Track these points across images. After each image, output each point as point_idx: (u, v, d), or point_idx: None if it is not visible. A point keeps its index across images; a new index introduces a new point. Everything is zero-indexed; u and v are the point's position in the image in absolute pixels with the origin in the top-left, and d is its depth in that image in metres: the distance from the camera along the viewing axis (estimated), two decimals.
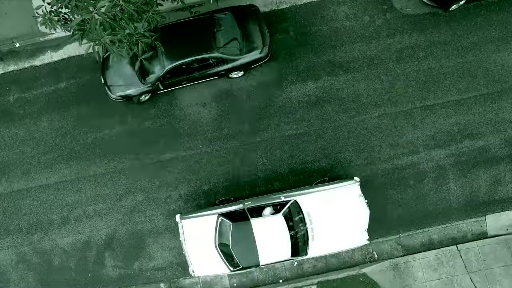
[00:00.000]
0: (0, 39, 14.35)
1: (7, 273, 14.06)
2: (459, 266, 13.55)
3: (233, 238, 11.96)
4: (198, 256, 12.41)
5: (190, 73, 12.94)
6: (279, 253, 12.15)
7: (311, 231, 12.21)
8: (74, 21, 5.69)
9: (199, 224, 12.33)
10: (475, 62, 13.66)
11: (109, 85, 13.29)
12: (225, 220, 12.09)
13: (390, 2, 13.96)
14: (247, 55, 12.90)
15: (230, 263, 12.17)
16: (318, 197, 12.34)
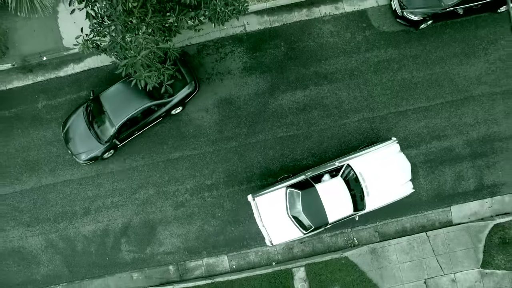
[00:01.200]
0: (30, 54, 16.30)
1: (38, 256, 16.08)
2: (428, 250, 15.54)
3: (303, 203, 13.77)
4: (274, 227, 14.16)
5: (137, 123, 14.86)
6: (343, 211, 13.92)
7: (365, 188, 14.04)
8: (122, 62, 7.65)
9: (270, 199, 14.12)
10: (441, 73, 15.65)
11: (75, 154, 15.22)
12: (293, 190, 13.95)
13: (369, 21, 15.94)
14: (178, 94, 14.73)
15: (302, 227, 13.98)
16: (366, 158, 14.17)
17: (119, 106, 14.40)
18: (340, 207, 13.88)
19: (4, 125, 16.17)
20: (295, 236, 14.26)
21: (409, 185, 14.62)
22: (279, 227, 14.16)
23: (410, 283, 15.48)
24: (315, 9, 15.97)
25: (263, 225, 14.29)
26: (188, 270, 16.00)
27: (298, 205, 13.88)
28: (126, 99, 14.41)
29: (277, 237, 14.29)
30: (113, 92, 14.64)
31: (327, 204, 13.76)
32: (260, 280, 15.49)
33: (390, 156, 14.33)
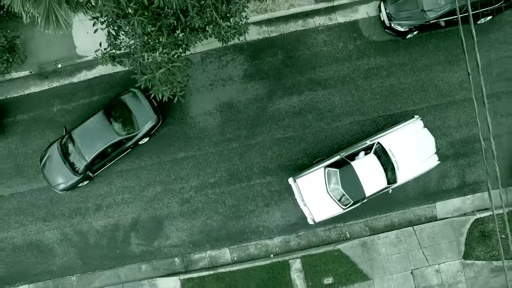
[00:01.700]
0: (46, 61, 17.58)
1: (54, 249, 17.37)
2: (414, 243, 16.80)
3: (341, 181, 15.06)
4: (315, 205, 15.47)
5: (108, 156, 16.27)
6: (377, 184, 15.23)
7: (396, 163, 15.29)
8: (143, 78, 8.91)
9: (310, 179, 15.41)
10: (427, 80, 16.90)
11: (53, 186, 16.50)
12: (331, 169, 15.25)
13: (360, 31, 17.20)
14: (143, 128, 16.12)
15: (341, 203, 15.29)
16: (394, 136, 15.43)
17: (90, 142, 15.87)
18: (375, 181, 15.20)
19: (22, 128, 17.44)
20: (336, 212, 15.58)
21: (435, 158, 15.91)
22: (320, 205, 15.47)
23: (398, 273, 16.74)
24: (310, 20, 17.22)
25: (305, 204, 15.58)
26: (192, 262, 17.28)
27: (336, 182, 15.17)
28: (96, 135, 15.87)
29: (319, 215, 15.61)
30: (83, 129, 16.03)
31: (363, 179, 15.08)
32: (259, 271, 16.75)
33: (415, 132, 15.66)
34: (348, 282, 16.73)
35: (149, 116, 16.08)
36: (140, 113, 16.02)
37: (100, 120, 15.93)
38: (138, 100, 16.12)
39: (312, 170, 15.55)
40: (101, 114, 16.03)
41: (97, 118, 15.98)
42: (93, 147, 15.80)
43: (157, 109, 16.32)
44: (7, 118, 17.46)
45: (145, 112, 16.05)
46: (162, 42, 8.15)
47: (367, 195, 15.31)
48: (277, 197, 16.98)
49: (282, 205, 17.01)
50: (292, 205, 16.90)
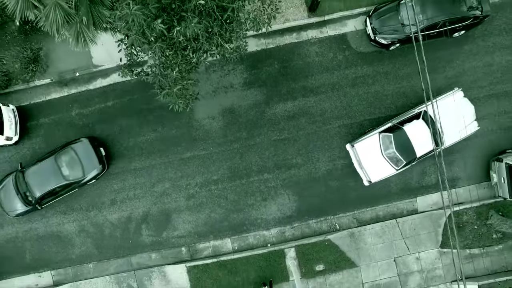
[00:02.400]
0: (65, 70, 19.41)
1: (72, 239, 19.23)
2: (397, 234, 18.65)
3: (395, 143, 16.92)
4: (371, 167, 17.35)
5: (55, 194, 18.20)
6: (426, 146, 16.96)
7: (441, 128, 17.03)
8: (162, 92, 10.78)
9: (366, 144, 17.33)
10: (408, 87, 18.74)
11: (7, 212, 18.39)
12: (386, 134, 17.14)
13: (348, 43, 19.06)
14: (89, 175, 18.02)
15: (394, 164, 17.12)
16: (439, 104, 16.85)
17: (40, 182, 17.81)
18: (424, 143, 16.93)
19: (44, 130, 19.29)
20: (390, 173, 17.42)
21: (475, 124, 17.63)
22: (376, 167, 17.34)
23: (382, 261, 18.60)
24: (303, 33, 19.09)
25: (361, 167, 17.47)
26: (197, 251, 19.15)
27: (390, 146, 17.04)
28: (46, 177, 17.80)
29: (375, 176, 17.48)
30: (35, 170, 17.93)
31: (414, 142, 16.91)
32: (258, 258, 18.60)
33: (456, 101, 17.35)
34: (337, 268, 18.59)
35: (95, 165, 18.04)
36: (87, 161, 17.94)
37: (51, 164, 17.87)
38: (86, 149, 18.03)
39: (367, 136, 17.47)
40: (52, 159, 17.92)
41: (48, 162, 17.91)
42: (43, 187, 17.80)
43: (103, 158, 18.39)
44: (31, 121, 19.30)
45: (92, 161, 17.99)
46: (177, 63, 10.00)
47: (417, 156, 17.07)
48: (274, 193, 18.83)
49: (278, 200, 18.85)
50: (287, 200, 18.81)
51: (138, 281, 18.99)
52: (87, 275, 19.27)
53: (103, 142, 19.00)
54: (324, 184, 18.75)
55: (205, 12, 9.19)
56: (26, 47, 18.64)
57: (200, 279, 18.71)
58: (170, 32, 9.23)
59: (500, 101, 18.60)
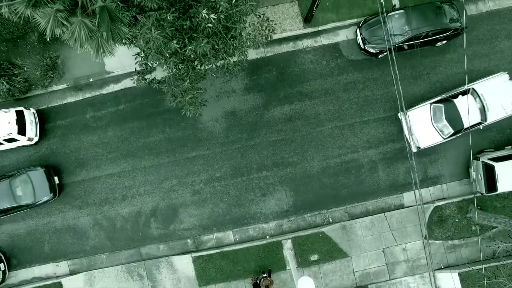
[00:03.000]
0: (80, 76, 21.09)
1: (87, 232, 20.89)
2: (385, 227, 20.29)
3: (445, 114, 18.64)
4: (420, 134, 18.99)
5: (8, 211, 19.79)
6: (473, 119, 18.49)
7: (486, 105, 18.71)
8: (175, 100, 12.45)
9: (418, 112, 19.12)
10: (395, 92, 20.38)
11: None
12: (437, 104, 18.87)
13: (340, 52, 20.73)
14: (40, 201, 19.65)
15: (442, 133, 18.83)
16: (486, 84, 18.79)
17: None
18: (471, 116, 18.55)
19: (61, 132, 20.97)
20: (437, 140, 19.16)
21: None
22: (425, 134, 19.08)
23: (372, 251, 20.23)
24: (299, 42, 20.77)
25: (412, 133, 19.14)
26: (202, 242, 20.81)
27: (440, 115, 18.75)
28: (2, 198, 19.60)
29: (424, 142, 19.20)
30: None
31: (462, 113, 18.60)
32: (257, 249, 20.22)
33: (501, 83, 19.01)
34: (330, 258, 20.23)
35: (46, 193, 19.75)
36: (39, 188, 19.64)
37: (6, 187, 19.62)
38: (41, 177, 19.69)
39: (419, 106, 19.23)
40: (7, 182, 19.64)
41: (3, 185, 19.64)
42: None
43: (55, 186, 20.13)
44: (49, 123, 20.98)
45: (44, 188, 19.69)
46: (189, 75, 11.62)
47: (464, 127, 18.68)
48: (272, 189, 20.50)
49: (276, 195, 20.50)
50: (284, 195, 20.47)
51: (147, 270, 20.65)
52: (100, 265, 20.91)
53: (58, 171, 20.74)
54: (318, 181, 20.41)
55: (212, 32, 10.85)
56: (45, 55, 20.30)
57: (204, 268, 20.36)
58: (182, 50, 10.87)
59: None
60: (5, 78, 19.69)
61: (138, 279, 20.56)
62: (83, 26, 13.39)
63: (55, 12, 12.73)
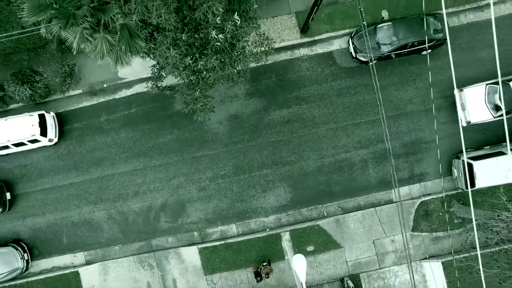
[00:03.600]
0: (95, 82, 22.93)
1: (101, 225, 22.72)
2: (375, 220, 22.12)
3: (499, 94, 19.97)
4: (473, 110, 20.57)
5: None
6: None
7: None
8: (188, 107, 14.27)
9: (474, 90, 20.63)
10: (384, 96, 22.17)
11: None
12: (492, 85, 20.44)
13: (334, 59, 22.56)
14: None
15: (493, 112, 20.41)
16: None
17: None
18: None
19: (78, 133, 22.82)
20: (487, 118, 20.79)
21: None
22: (477, 111, 20.71)
23: (363, 243, 22.07)
24: (296, 51, 22.61)
25: (465, 109, 20.78)
26: (207, 235, 22.66)
27: (494, 95, 20.33)
28: None
29: (474, 118, 20.73)
30: None
31: None
32: (258, 241, 22.05)
33: None
34: (325, 249, 22.07)
35: None
36: None
37: None
38: None
39: (476, 85, 20.86)
40: None
41: None
42: None
43: (7, 202, 21.95)
44: (66, 126, 22.82)
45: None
46: (199, 86, 13.46)
47: None
48: (272, 185, 22.35)
49: (275, 191, 22.35)
50: (283, 191, 22.33)
51: (157, 260, 22.50)
52: (114, 256, 22.76)
53: (11, 186, 22.57)
54: (314, 178, 22.27)
55: (219, 49, 12.67)
56: (64, 63, 22.16)
57: (209, 259, 22.21)
58: (194, 64, 12.70)
59: None
60: (28, 84, 21.54)
61: (148, 268, 22.41)
62: (104, 41, 15.26)
63: (82, 29, 14.59)
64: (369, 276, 21.98)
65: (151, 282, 22.43)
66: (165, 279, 22.38)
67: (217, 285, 22.11)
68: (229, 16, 12.02)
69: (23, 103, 22.50)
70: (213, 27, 11.86)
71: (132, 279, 22.53)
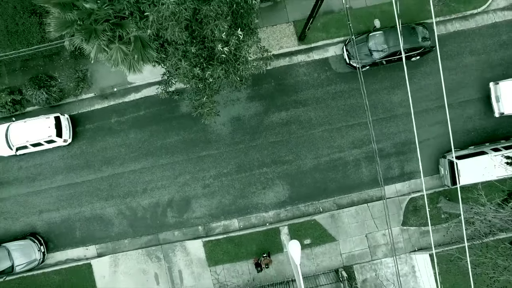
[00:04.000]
0: (106, 86, 24.52)
1: (112, 220, 24.33)
2: (368, 215, 23.72)
3: None
4: (507, 102, 22.03)
5: None
6: None
7: None
8: (196, 111, 15.91)
9: (509, 84, 22.16)
10: (376, 100, 23.81)
11: None
12: None
13: (329, 65, 24.16)
14: None
15: None
16: None
17: None
18: None
19: (89, 134, 24.43)
20: None
21: None
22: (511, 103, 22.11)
23: (356, 236, 23.67)
24: (294, 57, 24.21)
25: (499, 101, 22.34)
26: (211, 229, 24.28)
27: None
28: None
29: (508, 110, 22.29)
30: None
31: None
32: (258, 234, 23.67)
33: None
34: (321, 242, 23.68)
35: None
36: None
37: None
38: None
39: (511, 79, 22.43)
40: None
41: None
42: None
43: None
44: (79, 127, 24.44)
45: None
46: (206, 92, 15.06)
47: None
48: (271, 183, 23.96)
49: (274, 189, 23.96)
50: (282, 188, 23.92)
51: (164, 253, 24.12)
52: (124, 249, 24.38)
53: None
54: (310, 176, 23.88)
55: (224, 60, 14.28)
56: (77, 69, 23.79)
57: (213, 251, 23.82)
58: (202, 73, 14.32)
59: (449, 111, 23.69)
60: (44, 89, 23.15)
61: (156, 260, 24.04)
62: (119, 51, 16.87)
63: (100, 41, 16.21)
64: (362, 267, 23.60)
65: (159, 273, 24.06)
66: (172, 271, 24.00)
67: (220, 276, 23.74)
68: (233, 31, 13.63)
69: (39, 106, 24.10)
70: (219, 41, 13.46)
71: (140, 270, 24.15)
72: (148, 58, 17.40)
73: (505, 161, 20.58)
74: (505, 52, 23.52)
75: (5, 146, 23.03)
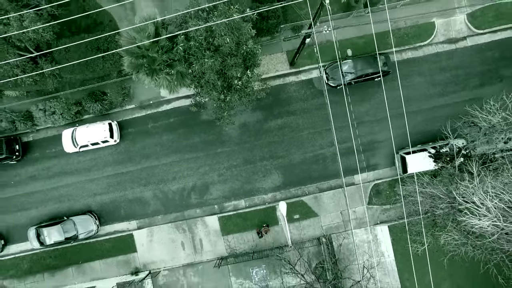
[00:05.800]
0: (144, 99, 32.18)
1: (148, 201, 32.01)
2: (342, 197, 31.40)
3: None
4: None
5: None
6: None
7: None
8: (219, 122, 23.63)
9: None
10: (356, 112, 31.57)
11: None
12: None
13: (313, 84, 31.86)
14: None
15: None
16: None
17: None
18: None
19: (132, 136, 32.15)
20: None
21: None
22: None
23: (333, 213, 31.42)
24: (287, 78, 31.95)
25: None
26: (224, 207, 32.04)
27: None
28: None
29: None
30: None
31: None
32: (260, 211, 31.40)
33: None
34: (307, 217, 31.43)
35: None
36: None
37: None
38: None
39: None
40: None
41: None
42: None
43: None
44: (124, 131, 32.15)
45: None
46: (226, 109, 22.76)
47: None
48: (269, 172, 31.71)
49: (272, 177, 31.70)
50: (277, 177, 31.68)
51: (188, 226, 31.86)
52: (157, 223, 32.10)
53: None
54: (298, 167, 31.63)
55: (238, 89, 22.02)
56: (123, 87, 31.50)
57: (226, 224, 31.58)
58: (224, 97, 22.08)
59: (402, 119, 31.55)
60: (99, 102, 30.88)
61: (182, 232, 31.79)
62: (165, 79, 24.69)
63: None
64: (337, 236, 31.40)
65: (184, 241, 31.83)
66: (194, 239, 31.76)
67: (231, 243, 31.54)
68: (244, 70, 21.42)
69: (93, 115, 31.83)
70: (235, 77, 21.26)
71: (170, 239, 31.91)
72: (184, 84, 25.29)
73: (428, 155, 28.47)
74: (444, 74, 31.35)
75: (71, 145, 30.77)
